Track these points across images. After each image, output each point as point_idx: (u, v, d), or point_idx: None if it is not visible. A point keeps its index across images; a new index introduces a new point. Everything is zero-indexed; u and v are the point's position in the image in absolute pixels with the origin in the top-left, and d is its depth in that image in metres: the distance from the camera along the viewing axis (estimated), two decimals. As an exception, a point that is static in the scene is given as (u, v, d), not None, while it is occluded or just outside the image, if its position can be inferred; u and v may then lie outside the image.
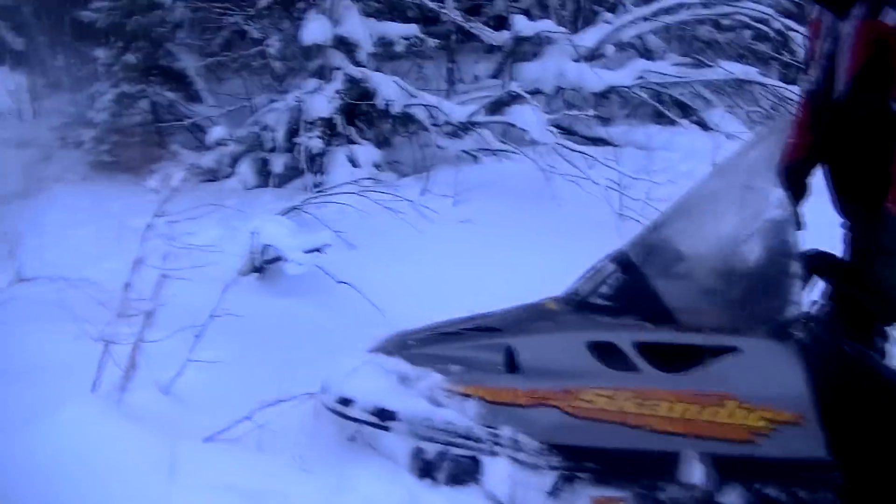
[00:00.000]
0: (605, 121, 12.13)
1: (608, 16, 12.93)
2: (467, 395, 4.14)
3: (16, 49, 19.22)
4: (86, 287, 6.25)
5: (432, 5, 12.02)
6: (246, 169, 10.95)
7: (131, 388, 4.56)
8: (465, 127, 10.87)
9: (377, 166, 10.63)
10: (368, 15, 11.40)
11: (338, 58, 10.87)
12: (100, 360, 4.64)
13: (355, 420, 4.31)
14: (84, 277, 6.45)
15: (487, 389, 4.14)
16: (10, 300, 6.63)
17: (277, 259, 7.88)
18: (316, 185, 10.15)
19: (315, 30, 10.72)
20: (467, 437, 4.08)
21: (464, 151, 10.80)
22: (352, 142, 10.79)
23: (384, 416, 4.21)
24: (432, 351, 4.45)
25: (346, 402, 4.35)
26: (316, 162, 10.53)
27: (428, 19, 12.66)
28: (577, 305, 4.45)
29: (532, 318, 4.51)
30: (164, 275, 4.82)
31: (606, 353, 4.08)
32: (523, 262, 7.69)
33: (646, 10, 12.52)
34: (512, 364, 4.20)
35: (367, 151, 10.68)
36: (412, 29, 11.49)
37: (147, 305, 4.74)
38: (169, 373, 4.85)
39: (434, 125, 10.77)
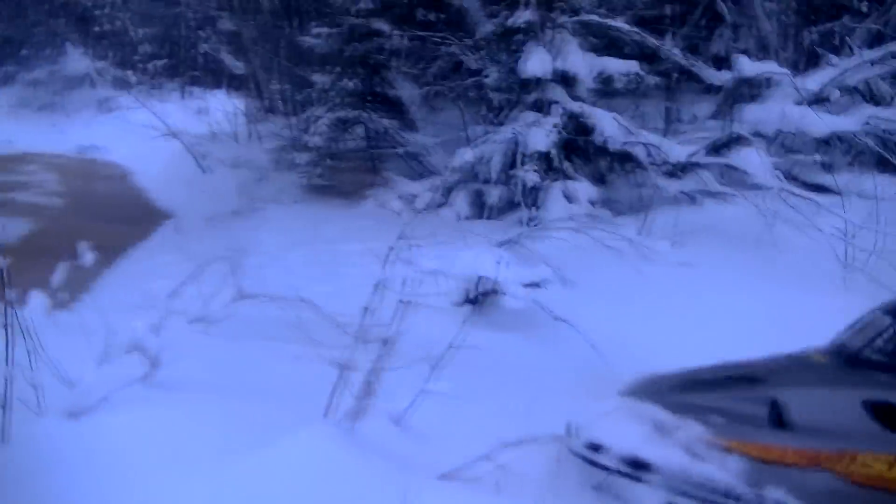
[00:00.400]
0: (828, 167, 11.62)
1: (833, 58, 12.40)
2: (730, 450, 3.86)
3: (234, 73, 19.87)
4: (305, 308, 6.23)
5: (653, 43, 11.77)
6: (461, 199, 10.90)
7: (364, 417, 4.44)
8: (684, 167, 10.55)
9: (593, 203, 10.42)
10: (588, 50, 11.23)
11: (557, 92, 10.75)
12: (335, 386, 4.54)
13: (605, 468, 4.07)
14: (302, 298, 6.43)
15: (752, 445, 3.84)
16: (232, 317, 6.65)
17: (493, 291, 7.72)
18: (531, 219, 10.01)
19: (535, 63, 10.64)
20: (728, 495, 3.79)
21: (682, 192, 10.46)
22: (568, 177, 10.61)
23: (637, 466, 3.96)
24: (690, 399, 4.17)
25: (596, 447, 4.11)
26: (531, 195, 10.39)
27: (647, 57, 12.40)
28: (850, 360, 4.12)
29: (798, 370, 4.21)
30: (405, 301, 4.70)
31: (887, 414, 3.75)
32: (745, 309, 7.35)
33: (874, 53, 11.93)
34: (778, 419, 3.89)
35: (583, 188, 10.50)
36: (632, 66, 11.26)
37: (385, 332, 4.62)
38: (400, 403, 4.71)
39: (653, 164, 10.50)
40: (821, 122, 10.98)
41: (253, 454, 4.17)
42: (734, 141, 10.62)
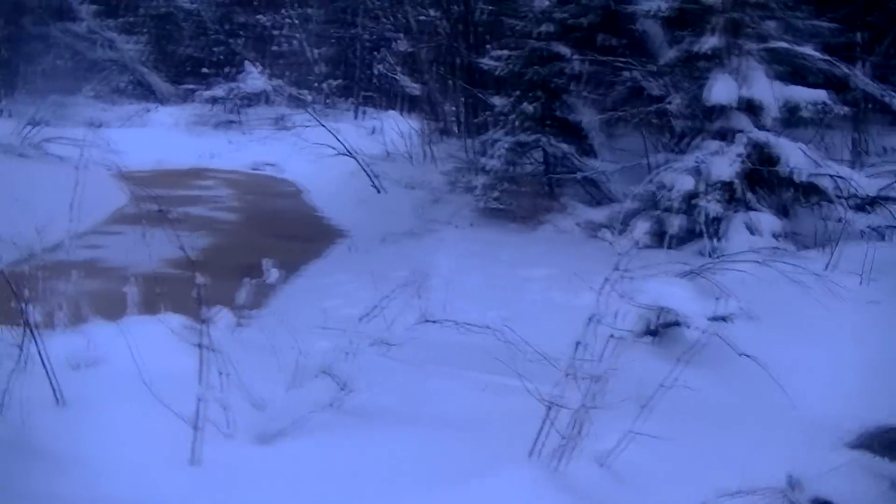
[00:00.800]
0: None
1: None
2: None
3: (409, 94, 20.11)
4: (488, 335, 6.14)
5: (842, 71, 11.38)
6: (640, 228, 10.70)
7: (569, 457, 4.30)
8: (874, 201, 10.16)
9: (776, 235, 10.11)
10: (774, 78, 10.93)
11: (741, 120, 10.50)
12: (543, 424, 4.40)
13: None
14: (483, 325, 6.35)
15: None
16: (413, 341, 6.61)
17: (675, 323, 7.51)
18: (713, 250, 9.77)
19: (721, 90, 10.41)
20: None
21: (871, 227, 10.06)
22: (751, 208, 10.33)
23: None
24: None
25: None
26: (714, 226, 10.15)
27: (835, 85, 12.00)
28: None
29: None
30: (618, 336, 4.55)
31: None
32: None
33: None
34: None
35: (766, 219, 10.21)
36: (821, 95, 10.88)
37: (596, 368, 4.46)
38: (603, 443, 4.54)
39: (840, 197, 10.13)
40: None
41: (452, 492, 4.07)
42: (927, 174, 10.23)
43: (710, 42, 10.73)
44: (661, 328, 7.63)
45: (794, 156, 10.20)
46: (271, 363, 5.51)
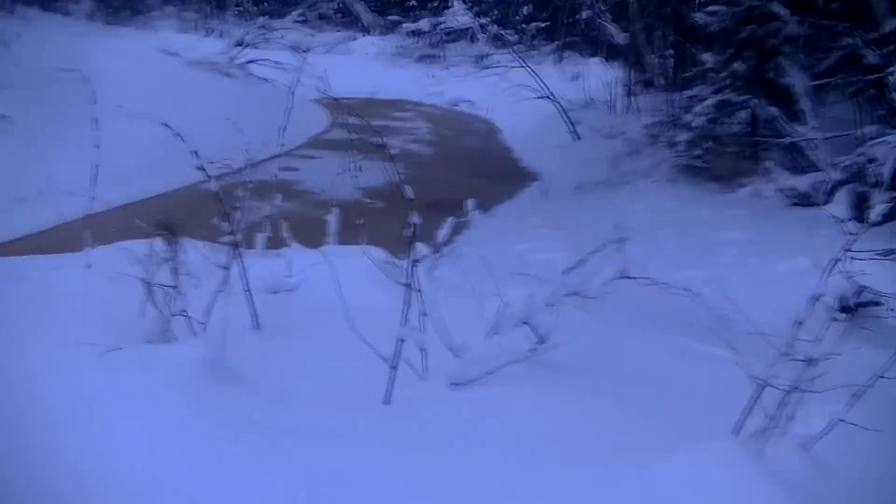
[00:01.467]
0: None
1: None
2: None
3: (613, 42, 19.86)
4: (688, 298, 6.03)
5: None
6: (843, 200, 10.35)
7: (775, 439, 4.19)
8: None
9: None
10: None
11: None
12: (751, 401, 4.29)
13: None
14: (683, 287, 6.23)
15: None
16: (607, 296, 6.55)
17: (874, 304, 7.27)
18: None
19: (946, 66, 9.96)
20: None
21: None
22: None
23: None
24: None
25: None
26: (921, 206, 9.75)
27: None
28: None
29: None
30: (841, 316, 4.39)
31: None
32: None
33: None
34: None
35: (979, 204, 9.73)
36: None
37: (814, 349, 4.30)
38: (807, 427, 4.39)
39: None
40: None
41: (651, 461, 3.98)
42: None
43: (940, 13, 10.27)
44: (857, 307, 7.39)
45: None
46: (469, 306, 5.53)
